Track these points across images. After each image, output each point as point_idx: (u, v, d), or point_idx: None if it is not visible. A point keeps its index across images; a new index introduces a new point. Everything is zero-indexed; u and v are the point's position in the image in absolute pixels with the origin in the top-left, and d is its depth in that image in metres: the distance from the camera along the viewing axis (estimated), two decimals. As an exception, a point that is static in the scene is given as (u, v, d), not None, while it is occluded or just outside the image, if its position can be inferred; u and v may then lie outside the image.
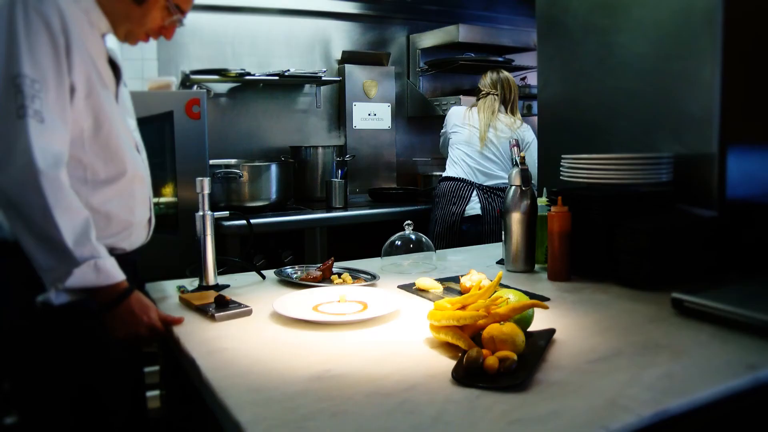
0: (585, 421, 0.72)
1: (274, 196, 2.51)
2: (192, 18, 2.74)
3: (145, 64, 2.58)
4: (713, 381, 0.83)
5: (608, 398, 0.78)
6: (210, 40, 2.80)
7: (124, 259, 1.13)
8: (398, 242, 1.65)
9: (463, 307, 0.95)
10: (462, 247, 1.81)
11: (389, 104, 3.14)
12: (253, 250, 2.38)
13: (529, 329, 0.99)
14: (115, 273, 1.06)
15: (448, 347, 0.95)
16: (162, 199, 2.15)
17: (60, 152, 1.02)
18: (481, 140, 2.54)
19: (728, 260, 1.38)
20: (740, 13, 1.39)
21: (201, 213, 1.36)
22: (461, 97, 2.95)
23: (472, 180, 2.54)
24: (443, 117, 2.73)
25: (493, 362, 0.83)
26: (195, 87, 2.56)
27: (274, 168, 2.51)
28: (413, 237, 1.66)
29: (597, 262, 1.38)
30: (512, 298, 0.99)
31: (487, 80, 2.63)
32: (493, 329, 0.89)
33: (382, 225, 2.41)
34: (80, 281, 1.01)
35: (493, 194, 2.53)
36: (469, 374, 0.83)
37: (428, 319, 0.98)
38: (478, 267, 1.54)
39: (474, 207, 2.51)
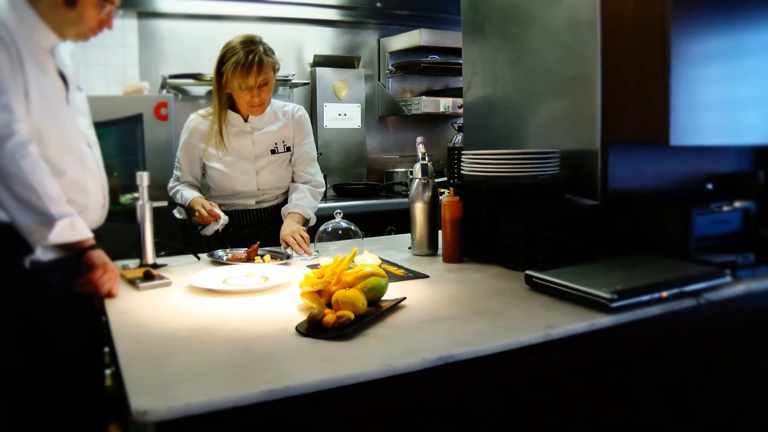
0: (377, 361, 0.90)
1: (241, 190, 2.73)
2: (171, 25, 2.99)
3: (127, 69, 2.83)
4: (507, 337, 1.01)
5: (410, 347, 0.96)
6: (189, 46, 3.03)
7: None
8: (329, 229, 1.85)
9: (322, 276, 1.15)
10: (385, 236, 2.00)
11: (359, 105, 3.33)
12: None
13: (385, 297, 1.19)
14: (86, 230, 1.29)
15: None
16: (134, 194, 2.39)
17: (28, 136, 1.23)
18: None
19: (606, 244, 1.54)
20: (616, 25, 1.55)
21: (141, 202, 1.58)
22: (423, 97, 3.14)
23: None
24: (410, 117, 2.85)
25: (330, 319, 1.03)
26: (163, 91, 2.80)
27: (241, 164, 2.73)
28: (343, 225, 1.86)
29: (486, 246, 1.56)
30: (369, 270, 1.18)
31: None
32: (338, 294, 1.09)
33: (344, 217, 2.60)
34: (60, 236, 1.23)
35: None
36: (310, 328, 1.03)
37: (298, 287, 1.18)
38: (393, 252, 1.73)
39: None
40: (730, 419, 1.34)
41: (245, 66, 1.81)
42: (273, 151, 1.98)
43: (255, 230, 1.98)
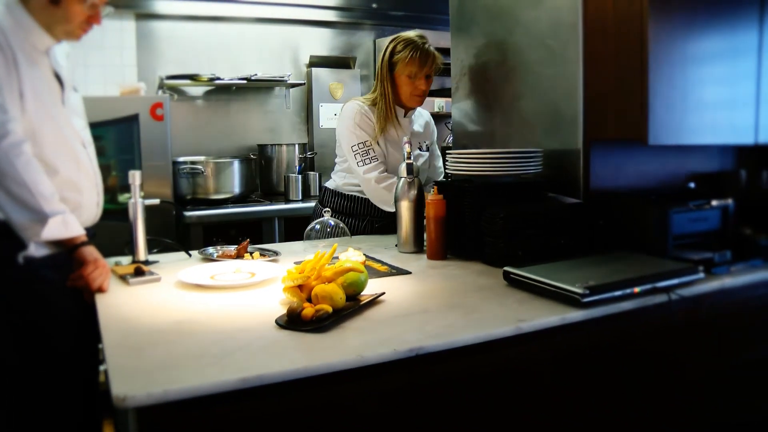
0: (350, 351, 0.94)
1: (237, 189, 2.78)
2: (169, 26, 3.04)
3: (125, 70, 2.88)
4: (478, 330, 1.04)
5: (383, 339, 1.00)
6: (186, 47, 3.08)
7: None
8: (317, 227, 1.89)
9: (303, 272, 1.18)
10: (375, 234, 2.03)
11: (355, 105, 3.36)
12: (216, 238, 2.65)
13: (365, 292, 1.22)
14: (78, 227, 1.33)
15: (294, 305, 1.19)
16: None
17: (22, 136, 1.28)
18: None
19: (587, 241, 1.57)
20: (597, 26, 1.58)
21: (133, 200, 1.62)
22: (417, 97, 3.17)
23: None
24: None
25: (308, 312, 1.07)
26: (160, 91, 2.84)
27: (236, 164, 2.77)
28: (331, 223, 1.90)
29: (469, 244, 1.59)
30: (348, 265, 1.21)
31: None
32: (317, 288, 1.12)
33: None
34: (53, 233, 1.27)
35: None
36: (289, 321, 1.07)
37: (281, 282, 1.22)
38: (380, 249, 1.76)
39: None
40: (702, 413, 1.37)
41: (421, 55, 1.96)
42: (420, 148, 2.13)
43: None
